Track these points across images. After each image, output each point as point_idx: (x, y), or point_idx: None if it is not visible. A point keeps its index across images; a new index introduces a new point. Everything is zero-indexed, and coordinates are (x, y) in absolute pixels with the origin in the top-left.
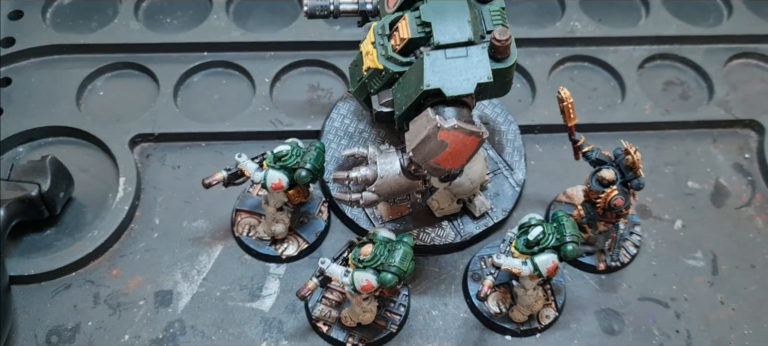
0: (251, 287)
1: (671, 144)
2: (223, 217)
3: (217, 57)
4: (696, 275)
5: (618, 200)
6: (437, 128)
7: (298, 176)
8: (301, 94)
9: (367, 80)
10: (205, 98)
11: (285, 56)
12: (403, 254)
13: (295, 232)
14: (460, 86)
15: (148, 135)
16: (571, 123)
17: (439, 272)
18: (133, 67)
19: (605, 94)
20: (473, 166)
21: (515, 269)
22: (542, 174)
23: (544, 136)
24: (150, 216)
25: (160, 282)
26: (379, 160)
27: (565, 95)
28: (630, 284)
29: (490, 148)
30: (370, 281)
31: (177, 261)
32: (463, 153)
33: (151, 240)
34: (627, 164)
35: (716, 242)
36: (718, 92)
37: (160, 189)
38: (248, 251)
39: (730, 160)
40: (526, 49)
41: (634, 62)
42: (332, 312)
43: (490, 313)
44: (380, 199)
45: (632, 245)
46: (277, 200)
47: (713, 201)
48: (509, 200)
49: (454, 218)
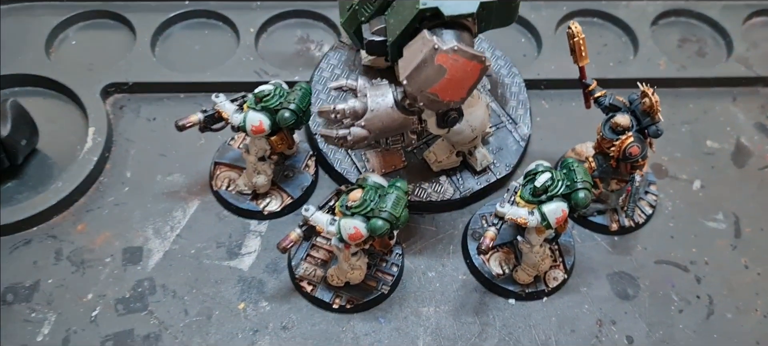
0: (229, 245)
1: (687, 102)
2: (200, 171)
3: (200, 6)
4: (717, 238)
5: (634, 147)
6: (434, 50)
7: (280, 117)
8: (289, 46)
9: (358, 7)
10: (186, 49)
11: (273, 6)
12: (396, 198)
13: (278, 186)
14: (460, 5)
15: (121, 85)
16: (582, 63)
17: (437, 230)
18: (108, 16)
19: (616, 50)
20: (474, 112)
21: (521, 218)
22: (549, 131)
23: (550, 91)
24: (121, 169)
25: (130, 238)
26: (370, 93)
27: (576, 30)
28: (645, 246)
29: (493, 101)
30: (358, 229)
31: (149, 216)
32: (464, 82)
33: (121, 194)
34: (643, 109)
35: (738, 203)
36: (738, 49)
37: (133, 141)
38: (227, 207)
39: (752, 119)
40: (531, 2)
41: (647, 18)
42: (318, 271)
43: (492, 274)
44: (370, 136)
45: (648, 205)
46: (259, 148)
47: (734, 161)
48: (513, 155)
49: (453, 172)
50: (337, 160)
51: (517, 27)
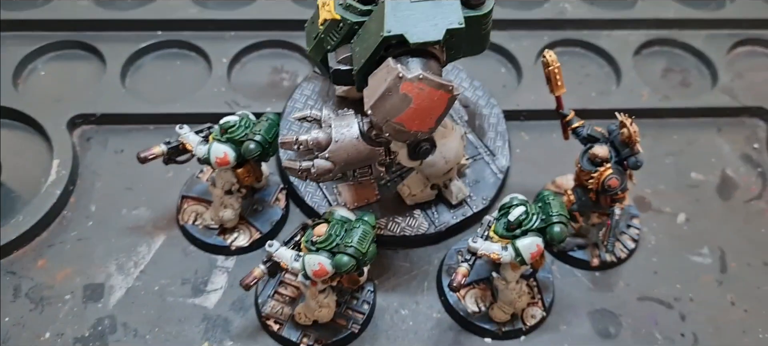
0: (195, 282)
1: (671, 133)
2: (168, 205)
3: (172, 36)
4: (702, 273)
5: (613, 179)
6: (399, 79)
7: (245, 149)
8: (262, 76)
9: (324, 35)
10: (157, 80)
11: (247, 36)
12: (363, 233)
13: (247, 220)
14: (426, 33)
15: (89, 116)
16: (558, 92)
17: (411, 266)
18: (78, 46)
19: (598, 80)
20: (448, 143)
21: (494, 254)
22: (529, 163)
23: (531, 123)
24: (86, 203)
25: (91, 275)
26: (335, 123)
27: (550, 59)
28: (628, 282)
29: (470, 132)
30: (323, 265)
31: (112, 252)
32: (431, 111)
33: (84, 229)
34: (622, 140)
35: (724, 237)
36: (722, 79)
37: (99, 174)
38: (193, 242)
39: (738, 150)
40: (510, 31)
41: (629, 47)
42: (285, 309)
43: (468, 312)
44: (335, 168)
45: (630, 239)
46: (225, 181)
47: (720, 194)
48: (490, 188)
49: (427, 206)
50: (308, 194)
51: (497, 57)
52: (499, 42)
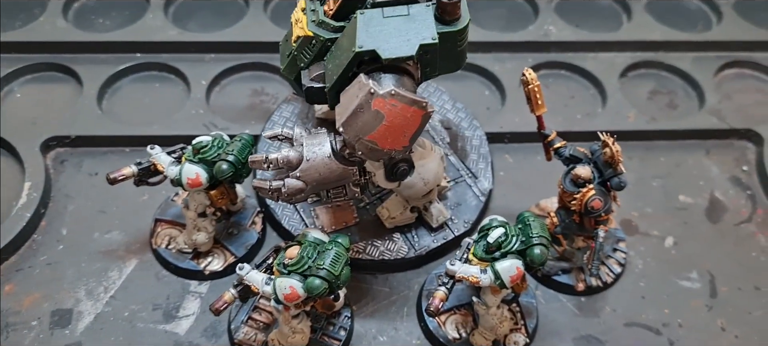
0: (166, 307)
1: (659, 155)
2: (141, 228)
3: (151, 59)
4: (691, 298)
5: (595, 201)
6: (371, 95)
7: (217, 170)
8: (242, 99)
9: (297, 53)
10: (135, 102)
11: (227, 59)
12: (335, 255)
13: (221, 244)
14: (398, 48)
15: (63, 138)
16: (538, 112)
17: (390, 292)
18: (56, 68)
19: (584, 102)
20: (427, 164)
21: (472, 277)
22: (512, 186)
23: (515, 145)
24: (57, 226)
25: (60, 300)
26: (306, 142)
27: (530, 77)
28: (614, 307)
29: (452, 154)
30: (294, 289)
31: (82, 276)
32: (404, 129)
33: (54, 253)
34: (605, 160)
35: (714, 261)
36: (710, 101)
37: (72, 197)
38: (166, 266)
39: (726, 172)
40: (494, 54)
41: (615, 69)
42: (259, 335)
43: (448, 339)
44: (307, 188)
45: (616, 263)
46: (198, 203)
47: (709, 217)
48: (472, 211)
49: (407, 229)
50: (285, 217)
51: (481, 79)
52: (483, 64)
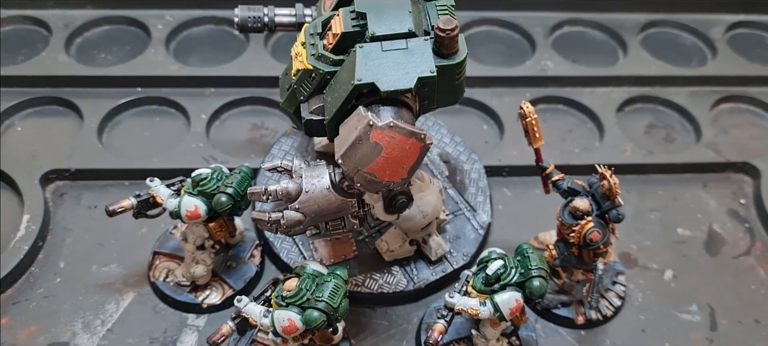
0: (163, 341)
1: (656, 189)
2: (140, 262)
3: (152, 93)
4: (691, 331)
5: (594, 233)
6: (369, 126)
7: (216, 202)
8: (242, 133)
9: (296, 86)
10: (135, 136)
11: (227, 93)
12: (334, 287)
13: (220, 277)
14: (397, 81)
15: (63, 171)
16: (536, 145)
17: (389, 325)
18: (57, 102)
19: (581, 136)
20: (425, 196)
21: (471, 309)
22: (511, 219)
23: (513, 179)
24: (55, 259)
25: (56, 333)
26: (306, 174)
27: (527, 110)
28: (614, 340)
29: (451, 188)
30: (292, 321)
31: (79, 309)
32: (403, 161)
33: (51, 286)
34: (603, 192)
35: (713, 294)
36: (706, 135)
37: (70, 230)
38: (164, 299)
39: (724, 206)
40: (492, 89)
41: (612, 104)
42: None
43: None
44: (306, 220)
45: (616, 296)
46: (197, 236)
47: (707, 250)
48: (471, 244)
49: (406, 262)
50: (283, 250)
51: (479, 114)
52: (481, 99)
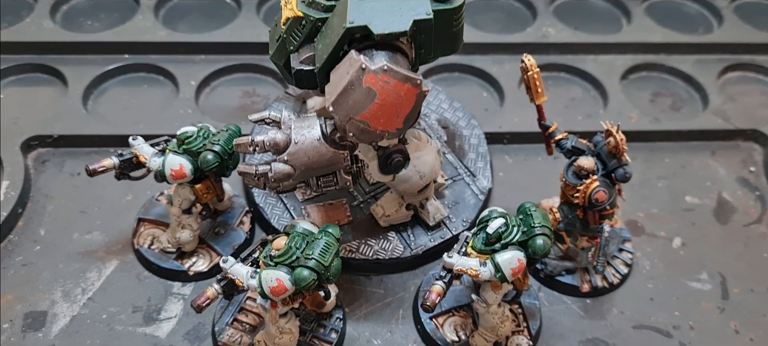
0: (147, 309)
1: (663, 156)
2: (124, 229)
3: (140, 60)
4: (702, 299)
5: (600, 192)
6: (362, 70)
7: (202, 160)
8: (232, 100)
9: (286, 35)
10: (122, 103)
11: (218, 60)
12: (325, 245)
13: (207, 244)
14: (391, 24)
15: (45, 137)
16: (538, 101)
17: (384, 293)
18: (42, 69)
19: (585, 104)
20: (422, 156)
21: (471, 270)
22: (513, 187)
23: (514, 146)
24: (35, 226)
25: (34, 302)
26: (295, 124)
27: (529, 63)
28: (622, 309)
29: (450, 153)
30: (281, 281)
31: (59, 278)
32: (398, 109)
33: (30, 253)
34: (609, 150)
35: (724, 262)
36: (714, 102)
37: (52, 197)
38: (148, 267)
39: (733, 173)
40: (493, 56)
41: (616, 72)
42: (244, 338)
43: (446, 341)
44: (295, 173)
45: (623, 264)
46: (182, 199)
47: (717, 217)
48: (471, 210)
49: (403, 228)
50: (274, 216)
51: (479, 81)
52: (481, 66)
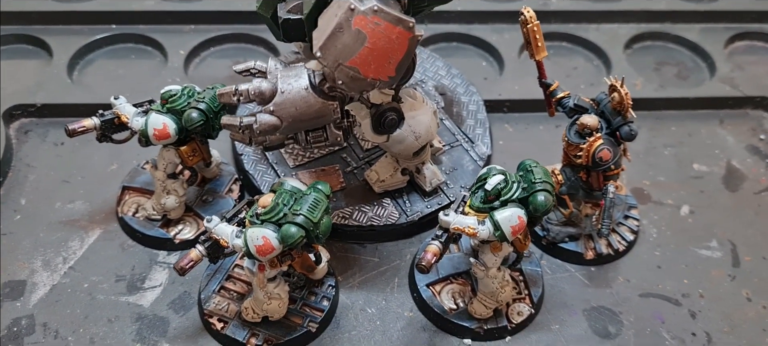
0: (131, 279)
1: (669, 125)
2: (108, 198)
3: (127, 30)
4: (712, 267)
5: (604, 151)
6: (351, 11)
7: (187, 118)
8: (222, 71)
9: None
10: (107, 74)
11: (208, 29)
12: (314, 201)
13: (194, 212)
14: None
15: (28, 106)
16: (538, 56)
17: (379, 262)
18: (26, 40)
19: (588, 73)
20: (418, 116)
21: (469, 228)
22: (513, 155)
23: (515, 115)
24: (15, 196)
25: (12, 271)
26: (282, 74)
27: (529, 16)
28: (628, 277)
29: (447, 119)
30: (267, 239)
31: (39, 247)
32: (389, 54)
33: (10, 223)
34: (613, 106)
35: (734, 230)
36: (722, 70)
37: (34, 167)
38: (133, 236)
39: (743, 141)
40: (492, 24)
41: (619, 40)
42: (231, 306)
43: (444, 309)
44: (282, 125)
45: (628, 231)
46: (167, 162)
47: (726, 185)
48: (469, 176)
49: (398, 194)
50: (264, 183)
51: (478, 50)
52: (480, 35)
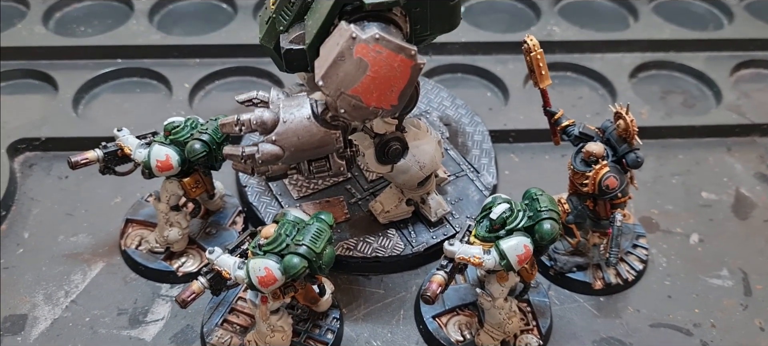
0: (133, 312)
1: (676, 153)
2: (111, 232)
3: (132, 64)
4: (724, 297)
5: (610, 178)
6: (352, 40)
7: (189, 149)
8: (227, 103)
9: (275, 15)
10: (113, 108)
11: (213, 63)
12: (317, 231)
13: (198, 244)
14: None
15: (33, 140)
16: (542, 84)
17: (385, 293)
18: (32, 75)
19: (593, 102)
20: (422, 145)
21: (474, 258)
22: (519, 185)
23: (520, 145)
24: (18, 230)
25: (14, 305)
26: (284, 103)
27: (532, 44)
28: (637, 307)
29: (452, 149)
30: (270, 270)
31: (41, 281)
32: (391, 82)
33: (12, 257)
34: (618, 134)
35: (745, 258)
36: (728, 98)
37: (38, 200)
38: (135, 269)
39: (751, 169)
40: (496, 55)
41: (624, 69)
42: (234, 339)
43: (451, 341)
44: (285, 155)
45: (637, 260)
46: (170, 194)
47: (736, 213)
48: (475, 206)
49: (403, 224)
50: (268, 215)
51: (483, 81)
52: (484, 65)
